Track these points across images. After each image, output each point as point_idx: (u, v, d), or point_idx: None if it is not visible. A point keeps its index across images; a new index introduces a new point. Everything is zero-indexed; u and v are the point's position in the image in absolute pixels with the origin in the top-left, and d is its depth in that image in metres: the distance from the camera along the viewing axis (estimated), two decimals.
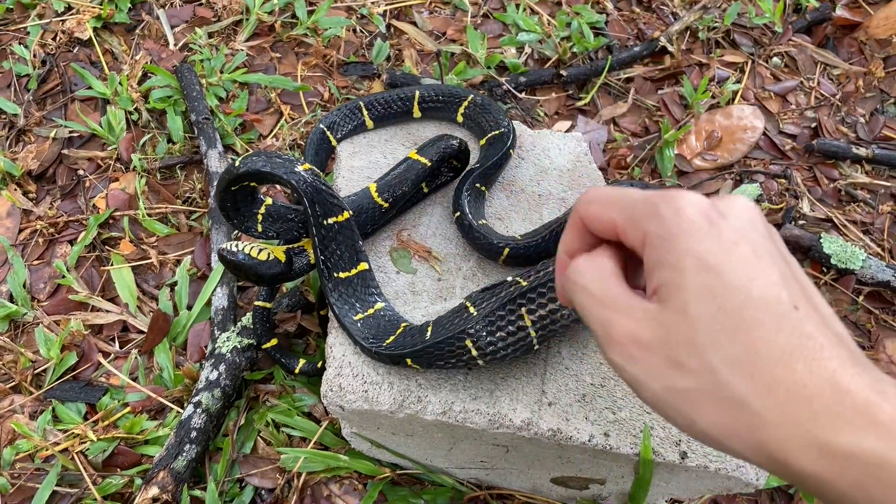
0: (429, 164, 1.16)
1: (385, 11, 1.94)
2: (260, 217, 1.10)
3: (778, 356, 0.47)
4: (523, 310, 0.91)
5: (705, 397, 0.50)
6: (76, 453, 1.23)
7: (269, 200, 1.11)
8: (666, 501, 1.25)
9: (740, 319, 0.49)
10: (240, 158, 1.01)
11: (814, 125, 1.81)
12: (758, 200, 1.63)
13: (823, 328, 0.49)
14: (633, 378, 0.53)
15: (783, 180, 1.69)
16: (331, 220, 1.02)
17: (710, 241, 0.51)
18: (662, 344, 0.51)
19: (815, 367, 0.47)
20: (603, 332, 0.55)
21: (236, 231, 1.43)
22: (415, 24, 1.93)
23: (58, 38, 1.81)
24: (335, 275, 1.05)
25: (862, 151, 1.73)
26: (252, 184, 1.06)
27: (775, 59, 1.93)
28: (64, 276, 1.43)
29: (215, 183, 1.50)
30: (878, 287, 1.53)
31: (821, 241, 1.54)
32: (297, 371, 1.28)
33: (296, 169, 1.00)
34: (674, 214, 0.52)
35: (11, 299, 1.41)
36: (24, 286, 1.42)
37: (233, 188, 1.04)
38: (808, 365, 0.47)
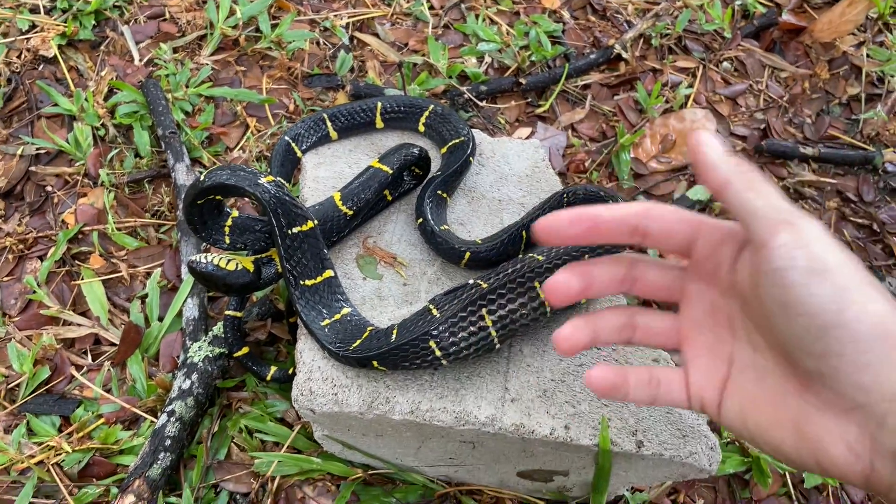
0: (391, 172, 1.20)
1: (348, 24, 1.98)
2: (227, 229, 1.13)
3: None
4: (484, 311, 0.95)
5: None
6: (52, 465, 1.25)
7: (235, 213, 1.14)
8: (627, 490, 1.30)
9: None
10: (205, 172, 1.04)
11: (763, 126, 1.89)
12: (710, 201, 1.69)
13: None
14: None
15: None
16: (295, 230, 1.06)
17: None
18: None
19: None
20: None
21: (205, 244, 1.45)
22: (377, 35, 1.97)
23: (23, 56, 1.82)
24: (302, 282, 1.08)
25: (809, 150, 1.81)
26: (218, 197, 1.09)
27: (725, 64, 2.01)
28: (35, 292, 1.44)
29: (183, 197, 1.53)
30: None
31: None
32: (268, 378, 1.31)
33: (259, 181, 1.03)
34: None
35: None
36: None
37: (199, 202, 1.07)
38: None
